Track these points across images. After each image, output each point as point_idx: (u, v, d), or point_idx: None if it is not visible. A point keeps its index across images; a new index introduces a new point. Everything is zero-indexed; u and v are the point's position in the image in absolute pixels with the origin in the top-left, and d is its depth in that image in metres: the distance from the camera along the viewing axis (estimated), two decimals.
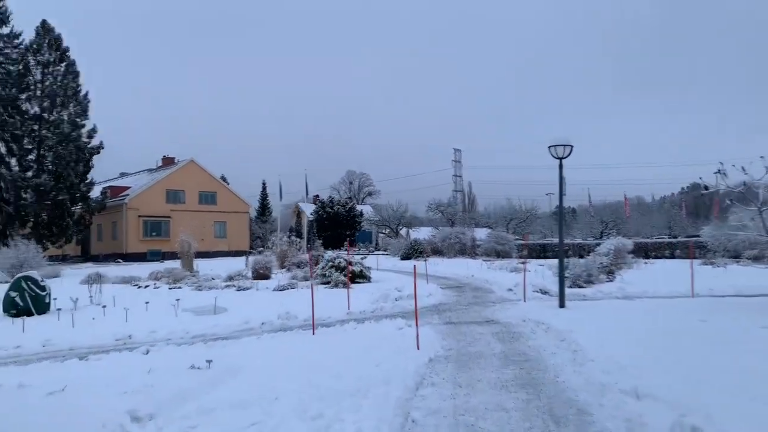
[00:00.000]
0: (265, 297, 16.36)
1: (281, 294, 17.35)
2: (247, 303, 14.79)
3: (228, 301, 15.36)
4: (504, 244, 37.92)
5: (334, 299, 14.57)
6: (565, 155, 12.02)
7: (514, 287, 16.16)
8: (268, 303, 14.24)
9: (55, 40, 45.20)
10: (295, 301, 14.69)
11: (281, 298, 15.95)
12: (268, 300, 15.27)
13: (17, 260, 30.85)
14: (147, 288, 21.56)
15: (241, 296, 16.99)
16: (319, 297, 15.50)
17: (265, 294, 17.49)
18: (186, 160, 53.53)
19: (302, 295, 16.31)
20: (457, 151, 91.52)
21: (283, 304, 13.57)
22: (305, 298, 15.39)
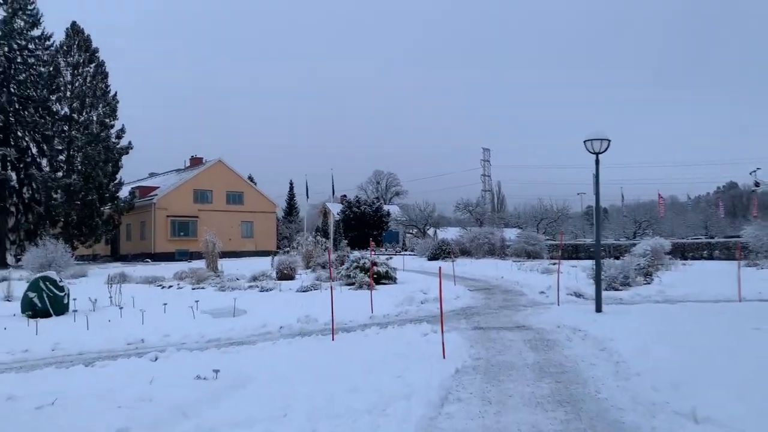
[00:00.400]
0: (287, 299, 15.87)
1: (304, 295, 16.85)
2: (268, 305, 14.32)
3: (249, 302, 14.94)
4: (534, 244, 36.97)
5: (357, 301, 14.00)
6: (602, 150, 11.26)
7: (546, 290, 15.39)
8: (290, 305, 13.75)
9: (85, 42, 45.59)
10: (318, 303, 14.17)
11: (303, 299, 15.46)
12: (289, 302, 14.78)
13: (46, 259, 31.05)
14: (170, 288, 21.30)
15: (263, 297, 16.56)
16: (343, 299, 15.02)
17: (287, 295, 17.01)
18: (213, 160, 53.63)
19: (325, 296, 15.74)
20: (486, 150, 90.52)
21: (304, 307, 13.07)
22: (328, 300, 14.93)
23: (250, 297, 16.79)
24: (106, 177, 44.60)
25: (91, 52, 45.96)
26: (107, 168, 45.00)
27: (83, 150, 43.57)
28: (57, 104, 44.38)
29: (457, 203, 57.65)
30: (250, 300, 15.61)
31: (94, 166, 43.62)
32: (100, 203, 44.71)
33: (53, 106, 44.03)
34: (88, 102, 44.75)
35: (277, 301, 15.45)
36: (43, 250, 31.52)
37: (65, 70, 44.86)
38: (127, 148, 47.43)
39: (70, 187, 42.79)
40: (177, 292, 19.75)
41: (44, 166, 44.96)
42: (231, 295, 17.68)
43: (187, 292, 19.61)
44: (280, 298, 16.03)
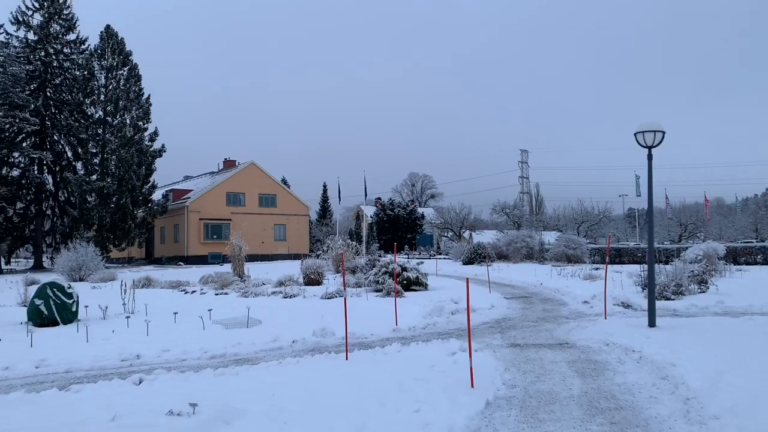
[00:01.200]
0: (310, 306, 14.88)
1: (328, 303, 15.84)
2: (288, 314, 13.35)
3: (269, 310, 14.03)
4: (575, 248, 35.30)
5: (382, 311, 12.92)
6: (655, 143, 9.93)
7: (590, 299, 14.02)
8: (310, 314, 12.72)
9: (118, 45, 45.65)
10: (340, 312, 13.12)
11: (326, 308, 14.45)
12: (311, 310, 13.77)
13: (76, 263, 30.83)
14: (193, 294, 20.60)
15: (284, 305, 15.61)
16: (367, 308, 13.95)
17: (311, 303, 16.04)
18: (246, 163, 53.27)
19: (351, 305, 14.78)
20: (524, 151, 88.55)
21: (325, 317, 12.05)
22: (353, 308, 13.90)
23: (272, 304, 15.90)
24: (139, 180, 44.52)
25: (125, 55, 46.01)
26: (140, 171, 44.95)
27: (117, 153, 43.60)
28: (91, 107, 44.52)
29: (493, 205, 56.07)
30: (270, 308, 14.71)
31: (127, 169, 43.59)
32: (133, 206, 44.68)
33: (88, 110, 44.20)
34: (122, 105, 44.79)
35: (297, 309, 14.46)
36: (73, 253, 31.36)
37: (99, 74, 45.01)
38: (160, 151, 47.36)
39: (103, 190, 42.82)
40: (198, 298, 19.01)
41: (79, 169, 45.23)
42: (253, 302, 16.89)
43: (208, 298, 18.87)
44: (302, 306, 15.06)
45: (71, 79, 45.14)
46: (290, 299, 17.42)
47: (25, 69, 44.67)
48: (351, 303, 15.35)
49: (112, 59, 45.38)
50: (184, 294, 20.72)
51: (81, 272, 30.76)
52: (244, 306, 15.73)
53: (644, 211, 70.52)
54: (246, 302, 16.94)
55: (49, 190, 47.74)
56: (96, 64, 44.95)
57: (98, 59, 45.13)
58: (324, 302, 16.08)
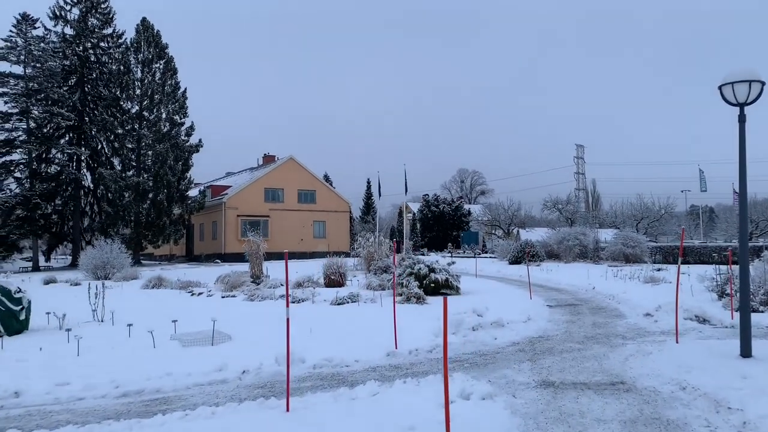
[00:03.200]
0: (312, 315, 12.51)
1: (336, 310, 13.48)
2: (276, 325, 11.00)
3: (256, 319, 11.80)
4: (634, 246, 31.86)
5: (389, 323, 10.42)
6: (750, 99, 7.08)
7: (654, 311, 11.11)
8: (304, 326, 10.31)
9: (154, 37, 44.58)
10: (340, 324, 10.75)
11: (329, 317, 12.09)
12: (308, 320, 11.38)
13: (100, 261, 29.52)
14: (200, 296, 18.66)
15: (282, 313, 13.30)
16: (374, 318, 11.45)
17: (316, 310, 13.71)
18: (285, 158, 51.55)
19: (359, 313, 12.37)
20: (580, 146, 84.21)
21: (316, 331, 9.67)
22: (356, 319, 11.49)
23: (269, 311, 13.64)
24: (174, 176, 43.29)
25: (161, 47, 44.92)
26: (177, 167, 43.73)
27: (152, 148, 42.51)
28: (128, 102, 43.59)
29: (545, 200, 52.44)
30: (262, 316, 12.48)
31: (162, 164, 42.44)
32: (169, 203, 43.51)
33: (124, 104, 43.29)
34: (157, 99, 43.70)
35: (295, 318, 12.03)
36: (98, 251, 30.08)
37: (135, 67, 44.06)
38: (198, 146, 46.13)
39: (138, 186, 41.78)
40: (198, 302, 17.06)
41: (116, 165, 44.40)
42: (252, 308, 14.86)
43: (210, 302, 16.91)
44: (302, 314, 12.67)
45: (107, 74, 44.34)
46: (297, 304, 15.15)
47: (62, 64, 44.21)
48: (359, 311, 12.94)
49: (147, 52, 44.36)
50: (190, 296, 18.80)
51: (106, 270, 29.45)
52: (242, 312, 13.65)
53: (706, 209, 65.33)
54: (250, 307, 14.89)
55: (87, 187, 47.27)
56: (132, 58, 44.00)
57: (134, 53, 44.17)
58: (332, 309, 13.72)
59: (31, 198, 40.29)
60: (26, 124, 41.60)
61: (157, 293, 19.97)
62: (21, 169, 42.69)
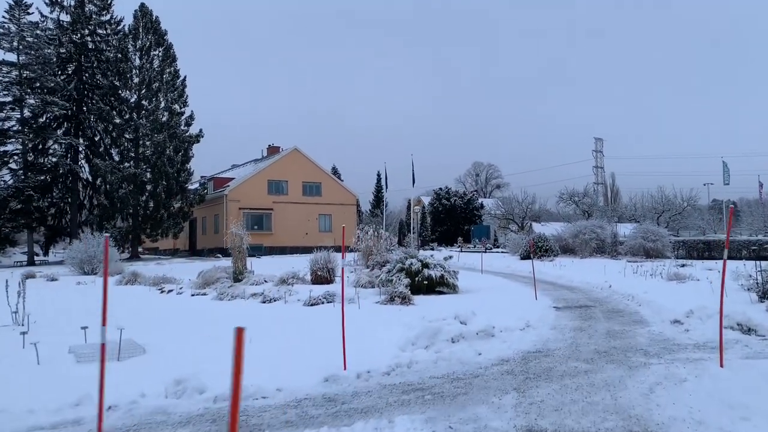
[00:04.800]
0: (274, 318, 10.63)
1: (308, 312, 11.56)
2: (217, 332, 9.06)
3: (201, 325, 9.91)
4: (655, 240, 29.58)
5: (364, 330, 8.43)
6: None
7: (684, 317, 8.92)
8: (253, 333, 8.39)
9: (152, 24, 43.01)
10: (294, 332, 8.82)
11: (293, 320, 10.19)
12: (259, 326, 9.43)
13: (86, 255, 27.93)
14: (169, 293, 16.92)
15: (241, 315, 11.41)
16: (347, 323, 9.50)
17: (284, 311, 11.82)
18: (289, 149, 49.70)
19: (328, 317, 10.39)
20: (599, 140, 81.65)
21: (254, 342, 7.71)
22: (322, 325, 9.51)
23: (230, 312, 11.76)
24: (173, 167, 41.65)
25: (159, 34, 43.37)
26: (176, 158, 42.10)
27: (150, 138, 40.89)
28: (126, 91, 42.03)
29: (560, 193, 49.93)
30: (215, 319, 10.57)
31: (160, 155, 40.82)
32: (167, 195, 41.89)
33: (122, 93, 41.74)
34: (156, 87, 42.09)
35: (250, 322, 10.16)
36: (84, 245, 28.51)
37: (133, 55, 42.49)
38: (198, 137, 44.51)
39: (136, 177, 40.20)
40: (162, 300, 15.39)
41: (115, 156, 42.88)
42: (220, 307, 12.96)
43: (176, 300, 15.21)
44: (264, 317, 10.80)
45: (105, 62, 42.76)
46: (268, 304, 13.26)
47: (58, 51, 42.70)
48: (330, 314, 10.95)
49: (145, 39, 42.82)
50: (158, 294, 17.05)
51: (92, 265, 27.86)
52: (197, 314, 11.78)
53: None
54: (209, 308, 12.99)
55: (86, 179, 45.80)
56: (130, 45, 42.47)
57: (132, 40, 42.63)
58: (303, 311, 11.81)
59: (24, 190, 38.86)
60: (20, 113, 40.15)
61: (126, 290, 18.25)
62: (16, 160, 41.27)
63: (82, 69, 43.95)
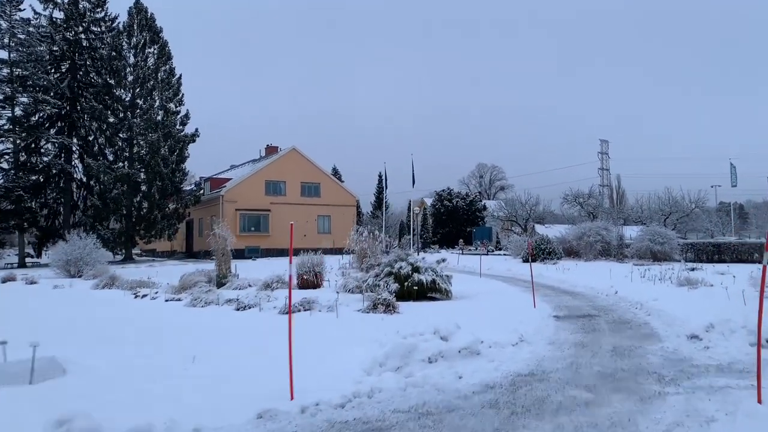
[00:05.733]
0: (240, 329, 9.52)
1: (278, 322, 10.42)
2: (170, 344, 7.97)
3: (156, 335, 8.80)
4: (663, 242, 28.38)
5: (325, 344, 7.31)
6: None
7: (703, 331, 7.68)
8: (194, 349, 7.31)
9: (147, 21, 42.06)
10: (249, 348, 7.71)
11: (257, 332, 9.07)
12: (217, 338, 8.34)
13: (72, 256, 26.94)
14: (143, 298, 15.81)
15: (205, 324, 10.31)
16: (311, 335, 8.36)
17: (255, 320, 10.72)
18: (287, 149, 48.62)
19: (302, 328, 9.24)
20: (604, 142, 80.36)
21: (199, 361, 6.62)
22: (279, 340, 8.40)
23: (196, 321, 10.66)
24: (168, 167, 40.63)
25: (154, 31, 42.40)
26: (171, 158, 41.10)
27: (144, 137, 39.89)
28: (120, 90, 41.06)
29: (565, 194, 48.60)
30: (176, 329, 9.49)
31: (154, 154, 39.80)
32: (161, 196, 40.88)
33: (117, 92, 40.76)
34: (150, 86, 41.11)
35: (208, 334, 9.06)
36: (70, 246, 27.52)
37: (128, 53, 41.53)
38: (194, 136, 43.52)
39: (129, 177, 39.22)
40: (131, 306, 14.24)
41: (109, 156, 41.95)
42: (190, 315, 11.89)
43: (146, 306, 14.13)
44: (225, 329, 9.67)
45: (99, 59, 41.81)
46: (242, 312, 12.16)
47: (50, 49, 41.75)
48: (304, 324, 9.85)
49: (140, 36, 41.83)
50: (132, 299, 15.97)
51: (78, 267, 26.87)
52: (160, 322, 10.69)
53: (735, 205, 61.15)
54: (178, 316, 11.90)
55: (80, 180, 44.83)
56: (124, 42, 41.50)
57: (127, 37, 41.68)
58: (276, 320, 10.69)
59: (14, 190, 37.90)
60: (11, 112, 39.21)
61: (99, 295, 17.24)
62: (7, 160, 40.32)
63: (76, 67, 43.03)
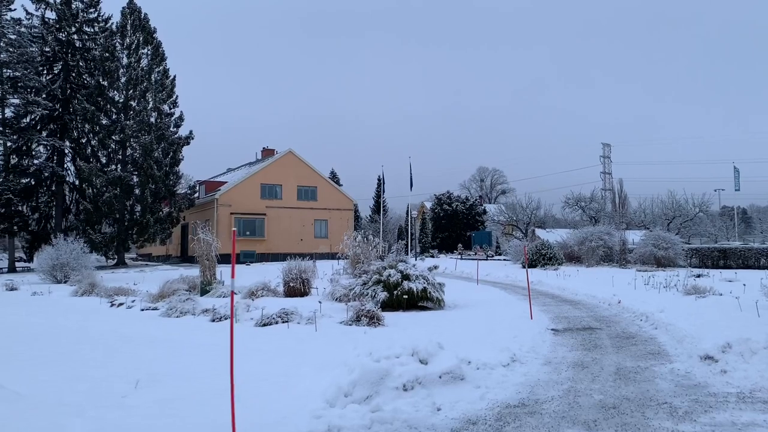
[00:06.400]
0: (198, 346, 8.65)
1: (250, 336, 9.56)
2: (117, 361, 7.13)
3: (108, 351, 7.96)
4: (667, 248, 27.54)
5: (290, 365, 6.46)
6: None
7: (719, 351, 6.75)
8: (148, 368, 6.47)
9: (141, 21, 41.27)
10: (209, 371, 6.86)
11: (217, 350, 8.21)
12: (174, 359, 7.50)
13: (58, 261, 26.14)
14: (119, 307, 14.99)
15: (169, 339, 9.44)
16: (279, 353, 7.52)
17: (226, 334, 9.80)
18: (283, 152, 47.82)
19: (276, 343, 8.46)
20: (606, 145, 79.38)
21: (139, 387, 5.77)
22: (263, 355, 7.58)
23: (158, 335, 9.80)
24: (161, 169, 39.79)
25: (148, 32, 41.55)
26: (164, 160, 40.26)
27: (137, 138, 39.06)
28: (113, 91, 40.25)
29: (566, 198, 47.67)
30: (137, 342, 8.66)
31: (147, 156, 38.96)
32: (154, 199, 40.02)
33: (109, 93, 39.95)
34: (144, 87, 40.29)
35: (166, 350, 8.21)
36: (56, 251, 26.71)
37: (120, 53, 40.72)
38: (188, 138, 42.62)
39: (121, 180, 38.39)
40: (101, 316, 13.38)
41: (102, 158, 41.14)
42: (162, 326, 11.04)
43: (116, 316, 13.28)
44: (189, 343, 8.81)
45: (91, 60, 41.04)
46: (218, 323, 11.33)
47: (41, 50, 40.98)
48: (279, 338, 9.00)
49: (133, 37, 41.03)
50: (108, 307, 15.14)
51: (64, 272, 26.06)
52: (129, 334, 9.84)
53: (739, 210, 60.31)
54: (146, 328, 11.04)
55: (72, 183, 44.01)
56: (117, 43, 40.69)
57: (120, 37, 40.89)
58: (250, 333, 9.81)
59: (3, 193, 37.07)
60: (1, 113, 38.40)
61: (74, 303, 16.42)
62: None
63: (68, 68, 42.23)
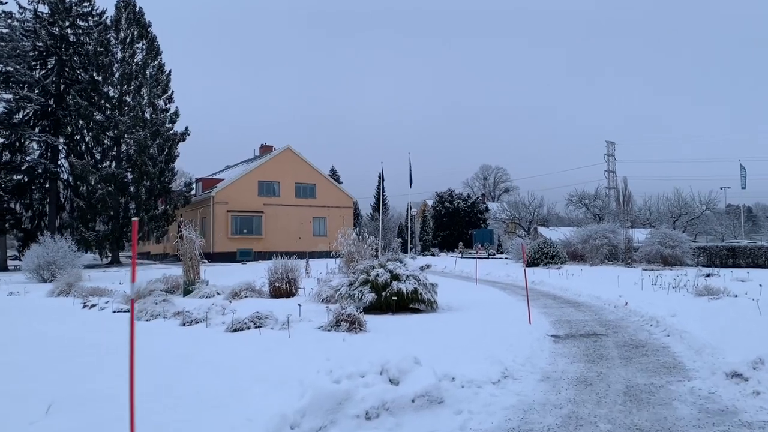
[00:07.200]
0: (148, 358, 7.73)
1: (228, 341, 8.65)
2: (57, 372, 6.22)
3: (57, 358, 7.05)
4: (674, 246, 26.54)
5: (243, 383, 5.53)
6: None
7: (749, 367, 5.71)
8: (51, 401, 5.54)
9: (135, 15, 40.41)
10: (145, 389, 5.93)
11: (159, 362, 7.28)
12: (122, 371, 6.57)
13: (45, 260, 25.31)
14: (92, 308, 14.11)
15: (121, 346, 8.50)
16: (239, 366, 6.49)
17: (189, 341, 8.92)
18: (281, 148, 46.87)
19: (242, 353, 7.52)
20: (611, 143, 78.31)
21: (51, 413, 4.85)
22: (219, 370, 6.58)
23: (111, 343, 8.86)
24: (155, 166, 38.92)
25: (142, 26, 40.72)
26: (159, 157, 39.37)
27: (131, 134, 38.17)
28: (108, 86, 39.40)
29: (570, 195, 46.63)
30: (90, 347, 7.76)
31: (141, 153, 38.10)
32: (149, 196, 39.17)
33: (104, 88, 39.10)
34: (138, 82, 39.44)
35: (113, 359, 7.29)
36: (43, 249, 25.87)
37: (115, 48, 39.87)
38: (183, 134, 41.76)
39: (115, 177, 37.54)
40: (73, 317, 12.58)
41: (97, 155, 40.30)
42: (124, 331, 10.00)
43: (87, 318, 12.42)
44: (141, 353, 7.88)
45: (85, 55, 40.20)
46: (187, 327, 10.40)
47: (34, 44, 40.15)
48: (249, 346, 8.06)
49: (128, 31, 40.19)
50: (80, 308, 14.26)
51: (51, 271, 25.23)
52: (80, 341, 8.93)
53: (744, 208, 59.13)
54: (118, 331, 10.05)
55: (66, 180, 43.19)
56: (111, 37, 39.85)
57: (114, 32, 40.06)
58: (217, 340, 8.90)
59: None
60: None
61: (46, 303, 15.61)
62: None
63: (62, 63, 41.40)
